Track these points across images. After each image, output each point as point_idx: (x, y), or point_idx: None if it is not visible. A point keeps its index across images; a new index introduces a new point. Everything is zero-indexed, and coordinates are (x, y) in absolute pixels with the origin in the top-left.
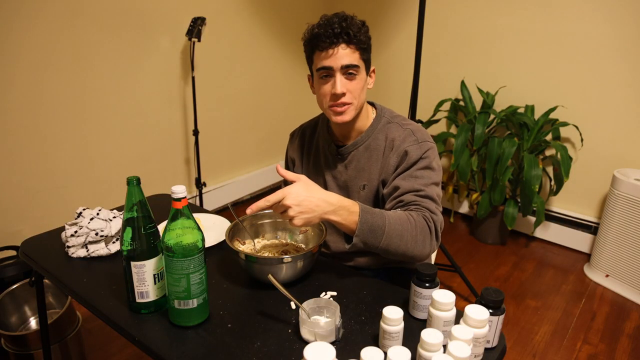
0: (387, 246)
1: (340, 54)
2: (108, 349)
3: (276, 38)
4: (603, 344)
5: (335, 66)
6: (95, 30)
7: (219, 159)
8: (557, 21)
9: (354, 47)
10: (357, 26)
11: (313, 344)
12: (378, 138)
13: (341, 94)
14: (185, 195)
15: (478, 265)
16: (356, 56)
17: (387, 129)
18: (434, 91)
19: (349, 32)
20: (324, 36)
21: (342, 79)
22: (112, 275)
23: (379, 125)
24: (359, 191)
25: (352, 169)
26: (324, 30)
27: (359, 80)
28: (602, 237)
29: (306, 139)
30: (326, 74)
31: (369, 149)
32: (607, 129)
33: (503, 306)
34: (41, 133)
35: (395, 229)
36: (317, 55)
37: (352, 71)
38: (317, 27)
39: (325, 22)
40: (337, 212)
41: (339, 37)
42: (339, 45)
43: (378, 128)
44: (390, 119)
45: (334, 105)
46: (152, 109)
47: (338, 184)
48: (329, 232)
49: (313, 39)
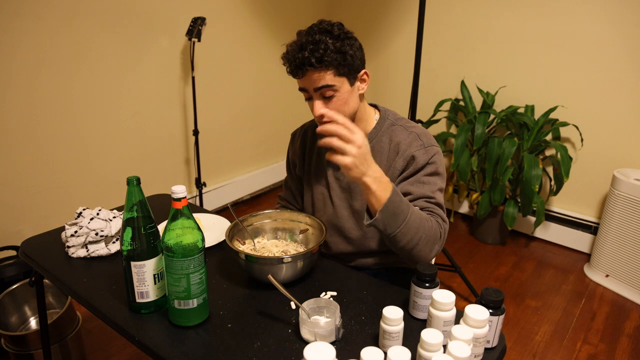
0: (402, 235)
1: (311, 79)
2: (108, 349)
3: (276, 38)
4: (603, 344)
5: (309, 89)
6: (95, 30)
7: (219, 159)
8: (557, 21)
9: (323, 69)
10: (324, 47)
11: (313, 344)
12: (382, 140)
13: (319, 115)
14: (185, 195)
15: (478, 265)
16: (329, 75)
17: (391, 132)
18: (434, 91)
19: (311, 60)
20: (291, 66)
21: (318, 102)
22: (112, 275)
23: (383, 127)
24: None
25: None
26: (292, 58)
27: (338, 97)
28: (602, 237)
29: (308, 139)
30: (307, 97)
31: (373, 151)
32: (607, 129)
33: (503, 306)
34: (41, 133)
35: (415, 222)
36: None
37: (328, 92)
38: (285, 54)
39: (292, 49)
40: (377, 180)
41: (305, 65)
42: (307, 72)
43: (382, 130)
44: (394, 121)
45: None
46: (152, 109)
47: (341, 186)
48: (330, 233)
49: (285, 65)
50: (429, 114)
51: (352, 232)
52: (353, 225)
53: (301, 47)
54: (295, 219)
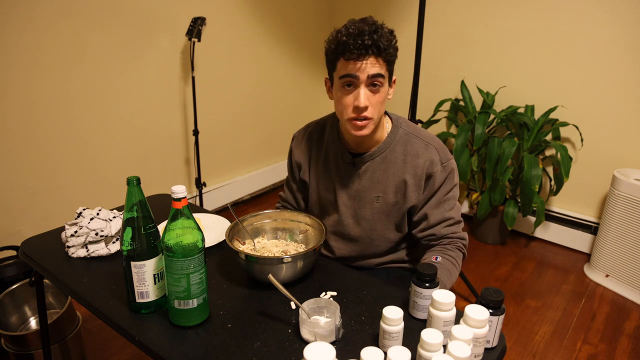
0: None
1: (368, 65)
2: (108, 349)
3: (276, 38)
4: (603, 344)
5: (362, 77)
6: (95, 30)
7: (219, 159)
8: (557, 21)
9: (382, 60)
10: (387, 38)
11: (313, 344)
12: (396, 150)
13: (364, 107)
14: (185, 195)
15: (478, 265)
16: (384, 68)
17: (405, 141)
18: (434, 91)
19: (379, 44)
20: (353, 46)
21: (366, 91)
22: (112, 275)
23: (397, 136)
24: (372, 202)
25: (366, 179)
26: (354, 40)
27: (381, 93)
28: (602, 237)
29: (314, 142)
30: (349, 83)
31: (386, 161)
32: (607, 129)
33: (503, 306)
34: (41, 133)
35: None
36: (342, 63)
37: (377, 82)
38: (345, 35)
39: (355, 32)
40: None
41: (368, 50)
42: (368, 57)
43: (396, 139)
44: (408, 129)
45: (355, 119)
46: (152, 109)
47: (349, 193)
48: (334, 238)
49: (340, 46)
50: (429, 114)
51: (356, 238)
52: (359, 232)
53: (365, 32)
54: (295, 219)
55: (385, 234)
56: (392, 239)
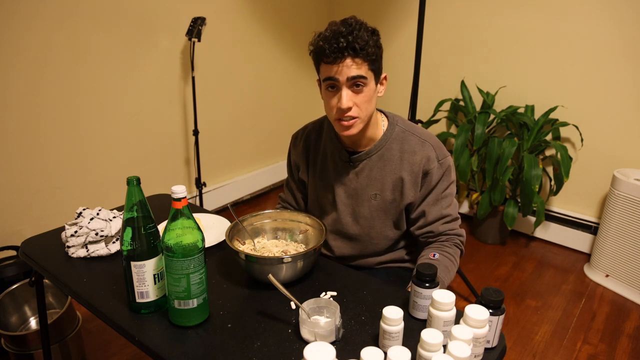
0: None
1: (346, 67)
2: (108, 349)
3: (276, 38)
4: (603, 344)
5: (341, 79)
6: (95, 30)
7: (219, 159)
8: (557, 21)
9: (360, 60)
10: (364, 38)
11: (313, 344)
12: (392, 148)
13: (347, 108)
14: (185, 195)
15: (478, 265)
16: (364, 68)
17: (402, 139)
18: (434, 91)
19: (354, 46)
20: (329, 50)
21: (348, 92)
22: (112, 275)
23: (393, 134)
24: (370, 200)
25: (363, 177)
26: (329, 44)
27: (366, 92)
28: (602, 237)
29: (311, 143)
30: (332, 85)
31: (383, 159)
32: (607, 129)
33: (503, 306)
34: (41, 133)
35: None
36: (323, 66)
37: (359, 82)
38: (322, 39)
39: (331, 34)
40: None
41: (344, 52)
42: (344, 59)
43: (392, 137)
44: (404, 127)
45: (340, 119)
46: (152, 109)
47: (347, 192)
48: (333, 237)
49: (318, 50)
50: (429, 114)
51: (355, 236)
52: (357, 230)
53: (341, 34)
54: (295, 219)
55: (384, 231)
56: (391, 236)
